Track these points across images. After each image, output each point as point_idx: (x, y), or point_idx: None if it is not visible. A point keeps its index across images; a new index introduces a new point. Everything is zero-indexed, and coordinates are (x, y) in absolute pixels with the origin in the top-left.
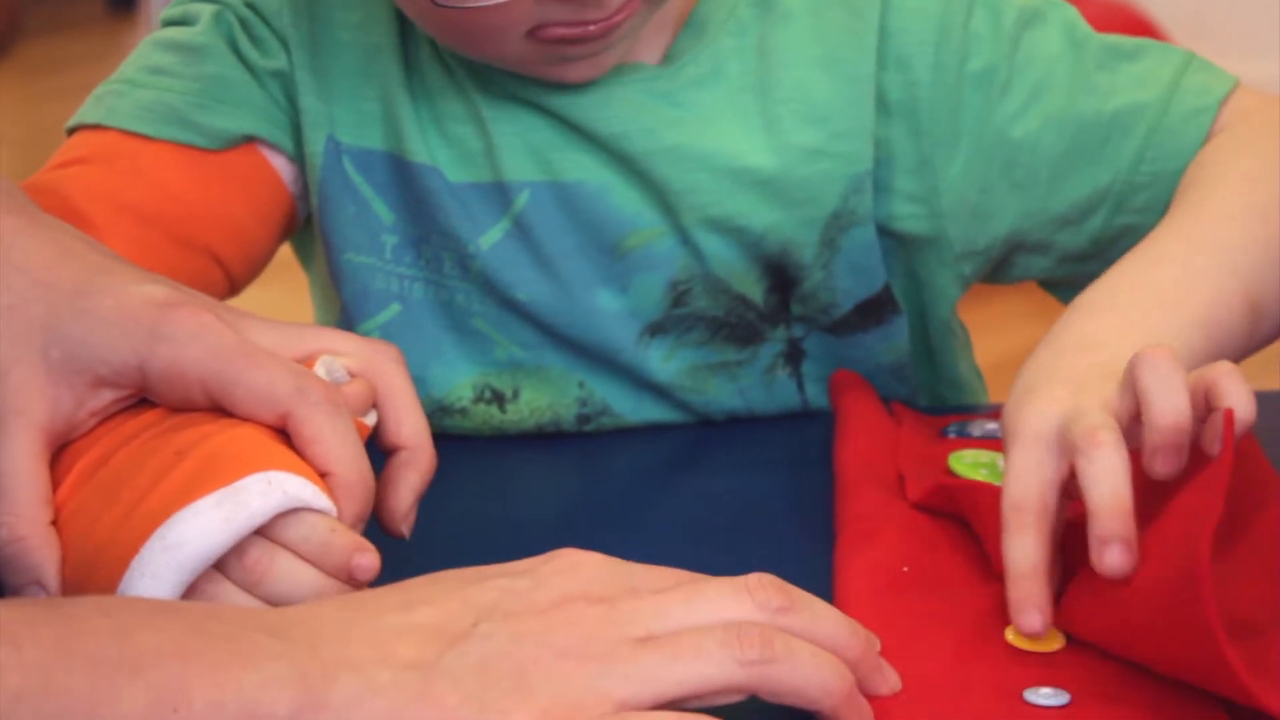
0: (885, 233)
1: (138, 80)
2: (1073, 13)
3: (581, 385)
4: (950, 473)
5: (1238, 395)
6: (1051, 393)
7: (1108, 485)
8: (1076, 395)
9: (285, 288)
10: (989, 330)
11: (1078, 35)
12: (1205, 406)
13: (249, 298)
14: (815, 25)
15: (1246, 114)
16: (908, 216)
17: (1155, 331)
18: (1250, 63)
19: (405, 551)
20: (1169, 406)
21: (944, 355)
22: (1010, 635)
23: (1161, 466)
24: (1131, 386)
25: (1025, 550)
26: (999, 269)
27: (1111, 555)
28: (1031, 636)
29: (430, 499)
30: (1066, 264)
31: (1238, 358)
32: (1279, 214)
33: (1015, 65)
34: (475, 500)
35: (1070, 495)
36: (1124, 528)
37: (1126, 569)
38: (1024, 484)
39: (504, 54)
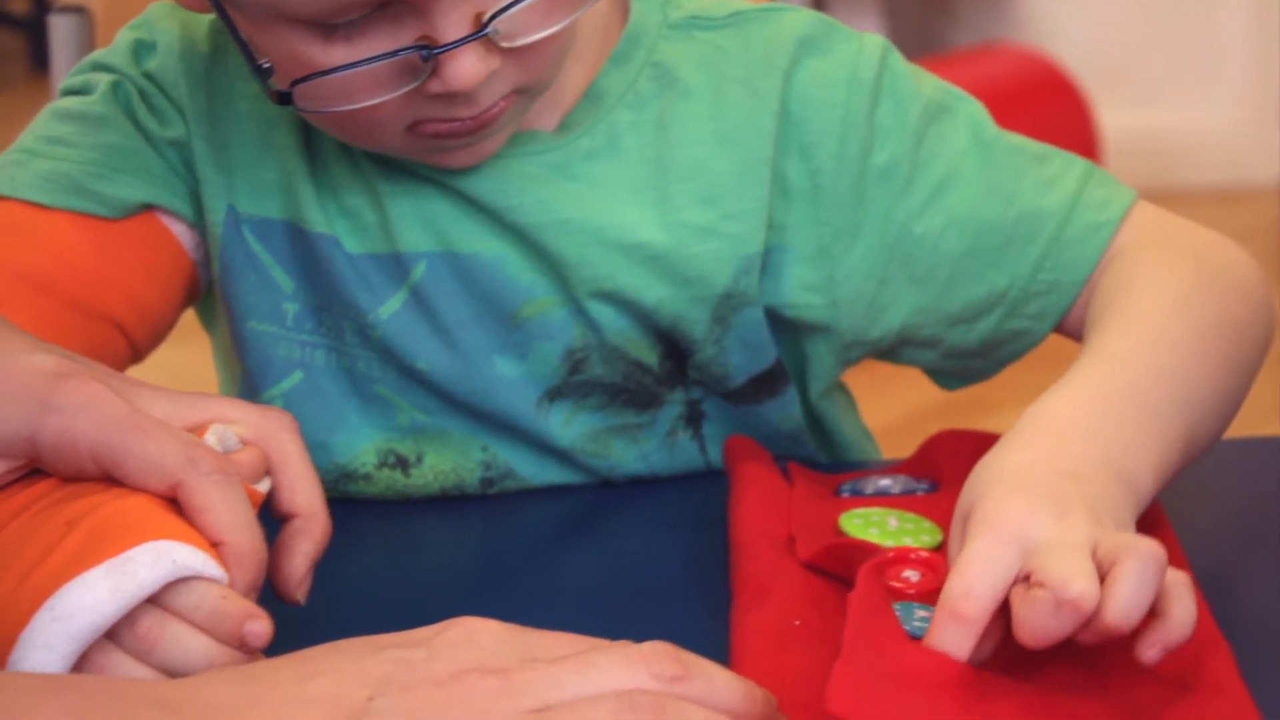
0: (778, 319)
1: (36, 150)
2: (980, 110)
3: (485, 449)
4: (840, 532)
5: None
6: (1036, 503)
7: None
8: (1061, 520)
9: (195, 349)
10: (889, 386)
11: (985, 135)
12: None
13: (160, 359)
14: (715, 104)
15: (1151, 230)
16: (802, 305)
17: (1125, 472)
18: (1164, 111)
19: (307, 617)
20: (1127, 610)
21: (828, 422)
22: None
23: (1083, 638)
24: (1111, 562)
25: (960, 639)
26: (886, 356)
27: (1077, 586)
28: None
29: (333, 563)
30: (953, 359)
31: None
32: (1212, 342)
33: (919, 160)
34: (378, 563)
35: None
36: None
37: (1091, 598)
38: (978, 578)
39: (386, 146)
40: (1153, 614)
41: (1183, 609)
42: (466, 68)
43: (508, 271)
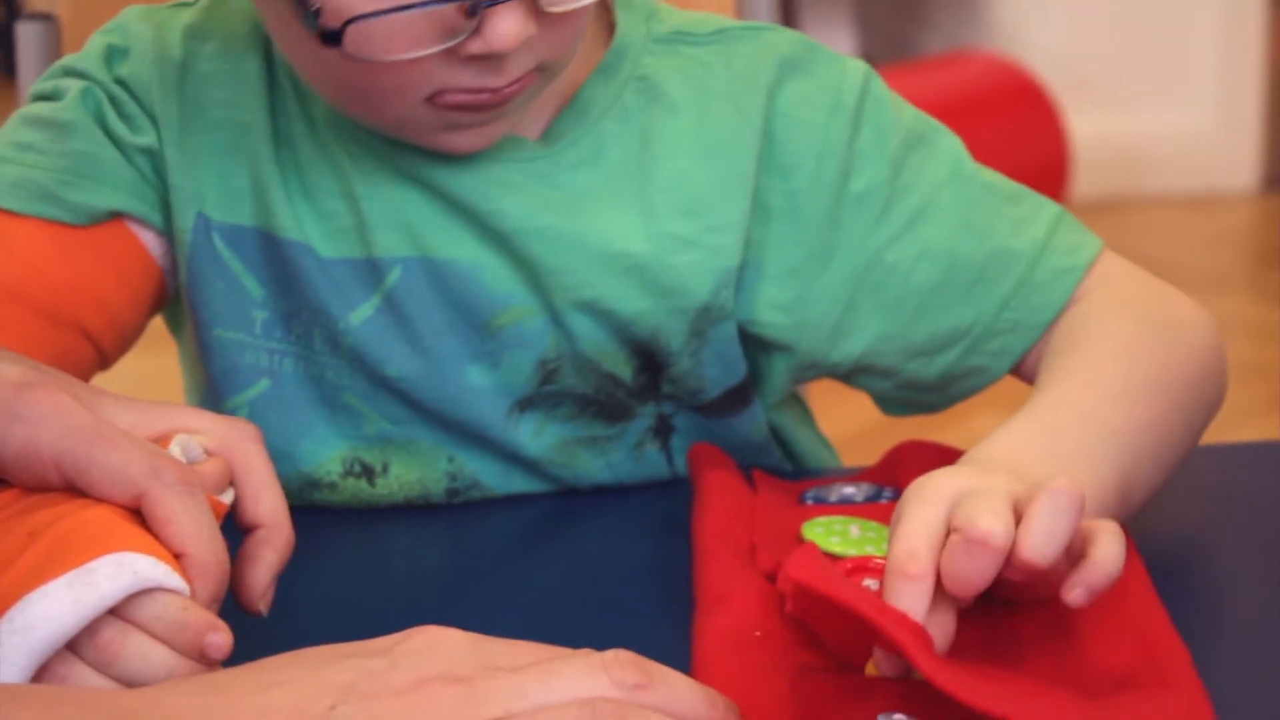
0: (744, 333)
1: (5, 156)
2: (958, 144)
3: (451, 460)
4: (802, 541)
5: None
6: (956, 471)
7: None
8: (981, 478)
9: (164, 357)
10: (851, 395)
11: (963, 170)
12: (1079, 552)
13: (128, 368)
14: (699, 118)
15: (1114, 281)
16: (767, 323)
17: None
18: (1135, 117)
19: (270, 625)
20: (1040, 544)
21: (783, 431)
22: (870, 668)
23: (1008, 575)
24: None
25: (914, 598)
26: (841, 378)
27: (986, 523)
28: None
29: (297, 571)
30: (906, 390)
31: None
32: (1154, 399)
33: (896, 189)
34: (343, 572)
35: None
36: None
37: (1001, 538)
38: (917, 536)
39: (400, 117)
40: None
41: (1103, 550)
42: (508, 26)
43: (484, 279)
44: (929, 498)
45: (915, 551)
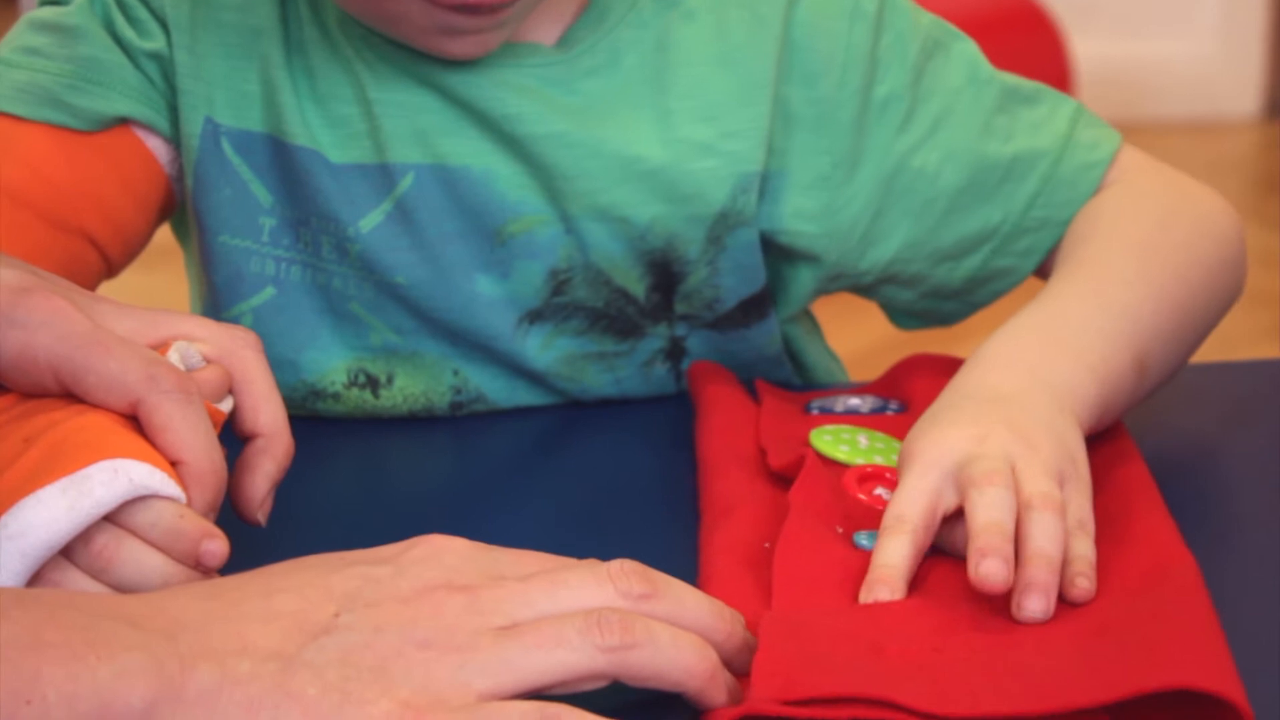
0: (770, 244)
1: (11, 61)
2: (974, 48)
3: (456, 373)
4: (810, 448)
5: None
6: (954, 429)
7: (995, 512)
8: (980, 442)
9: (168, 274)
10: (857, 315)
11: (980, 74)
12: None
13: (132, 283)
14: (716, 25)
15: (1132, 174)
16: (796, 232)
17: (1055, 384)
18: (1138, 43)
19: (274, 534)
20: (1045, 553)
21: (794, 343)
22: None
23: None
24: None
25: (896, 551)
26: (865, 291)
27: (987, 565)
28: None
29: (300, 481)
30: (929, 299)
31: (1124, 412)
32: (1169, 281)
33: (919, 95)
34: (347, 482)
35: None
36: (1003, 545)
37: (1001, 580)
38: (911, 500)
39: (396, 12)
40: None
41: (1080, 548)
42: None
43: (497, 186)
44: (925, 462)
45: (903, 516)
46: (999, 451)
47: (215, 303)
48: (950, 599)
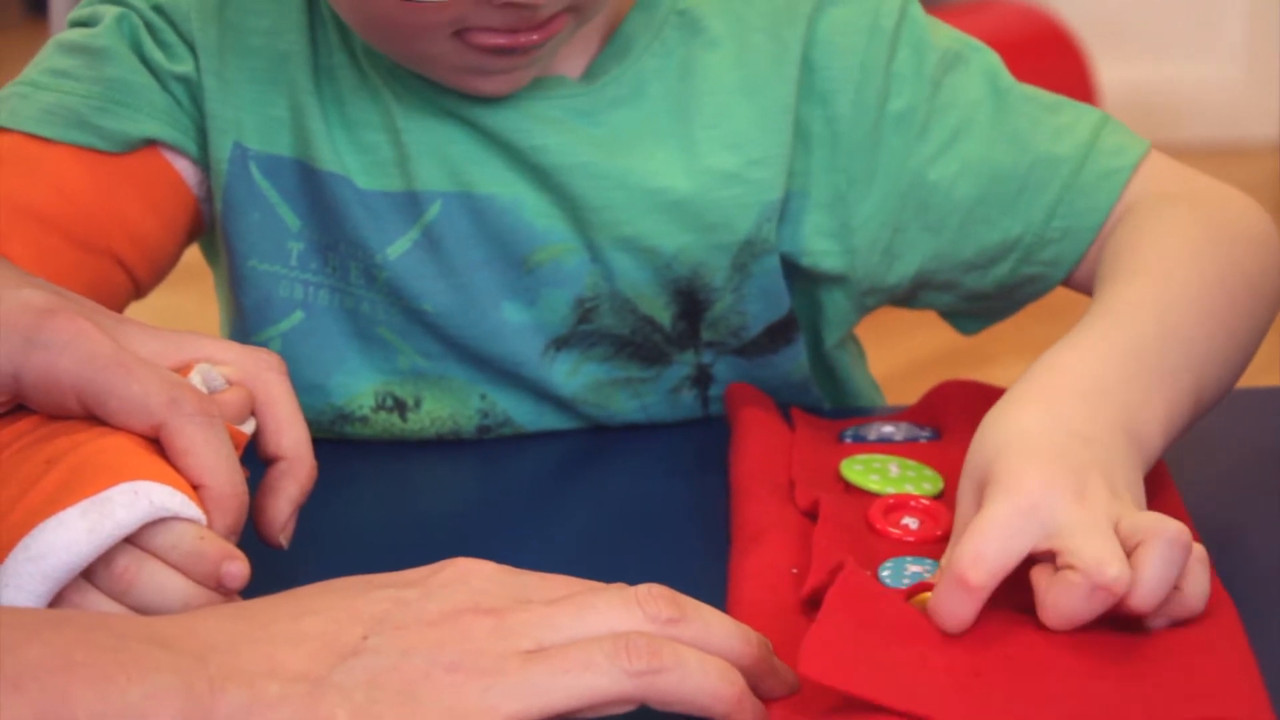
0: (795, 268)
1: (40, 83)
2: (995, 59)
3: (484, 397)
4: (841, 478)
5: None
6: (1054, 473)
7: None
8: (1080, 500)
9: (196, 294)
10: (890, 337)
11: (1000, 84)
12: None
13: (160, 304)
14: (739, 51)
15: (1163, 181)
16: (818, 252)
17: (1138, 435)
18: (1162, 67)
19: (301, 557)
20: (1155, 593)
21: (840, 371)
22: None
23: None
24: (1135, 543)
25: (961, 612)
26: (903, 301)
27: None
28: None
29: (328, 504)
30: (971, 300)
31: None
32: (1222, 306)
33: (935, 108)
34: (374, 504)
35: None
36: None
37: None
38: (994, 543)
39: (427, 53)
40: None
41: (1195, 584)
42: None
43: (524, 215)
44: (1022, 506)
45: (983, 558)
46: (1103, 518)
47: (244, 327)
48: (993, 616)
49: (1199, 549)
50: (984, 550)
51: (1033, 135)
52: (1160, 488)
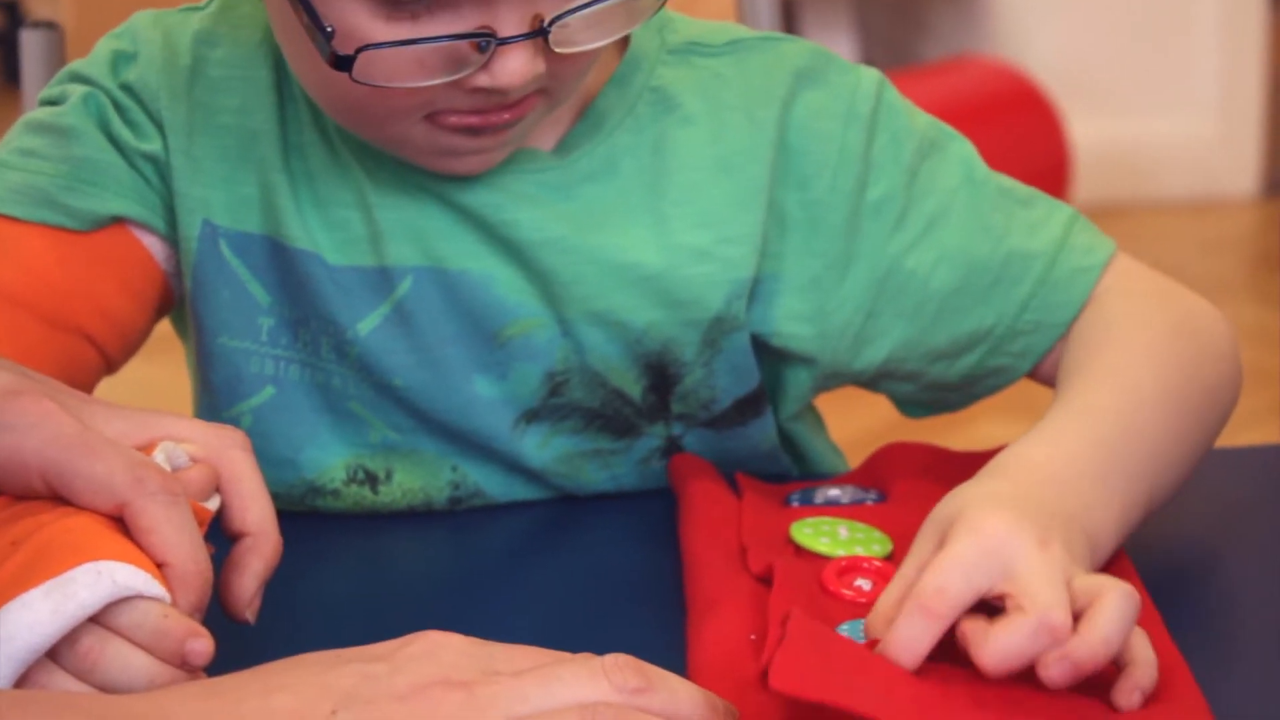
0: (764, 346)
1: (8, 162)
2: (971, 149)
3: (455, 469)
4: (791, 541)
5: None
6: (1019, 520)
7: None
8: (1042, 548)
9: (169, 365)
10: (855, 401)
11: (976, 174)
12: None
13: (133, 376)
14: (714, 129)
15: (1127, 282)
16: (789, 334)
17: (1090, 532)
18: (1136, 122)
19: (272, 630)
20: (1106, 641)
21: (799, 440)
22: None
23: (1056, 676)
24: (1087, 600)
25: (918, 644)
26: (863, 385)
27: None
28: None
29: (299, 577)
30: (929, 391)
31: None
32: (1183, 404)
33: (913, 195)
34: (345, 576)
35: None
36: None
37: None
38: (957, 577)
39: (399, 136)
40: (1116, 663)
41: (1146, 652)
42: (517, 65)
43: (495, 290)
44: (986, 545)
45: (945, 591)
46: (1059, 571)
47: (214, 403)
48: (953, 674)
49: (1139, 631)
50: (946, 584)
51: (1007, 228)
52: (1114, 559)
